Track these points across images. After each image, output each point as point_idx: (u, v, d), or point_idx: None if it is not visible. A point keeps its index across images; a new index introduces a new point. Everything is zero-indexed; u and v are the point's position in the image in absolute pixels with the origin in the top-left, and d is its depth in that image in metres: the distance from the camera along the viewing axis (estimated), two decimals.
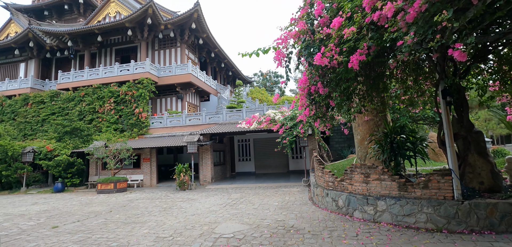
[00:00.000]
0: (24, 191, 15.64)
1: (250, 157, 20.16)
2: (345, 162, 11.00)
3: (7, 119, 21.23)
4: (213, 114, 18.22)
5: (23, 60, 23.94)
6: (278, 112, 14.25)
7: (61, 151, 15.74)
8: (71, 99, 20.10)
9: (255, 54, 4.65)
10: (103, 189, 13.53)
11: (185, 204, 9.37)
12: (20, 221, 7.72)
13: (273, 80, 42.44)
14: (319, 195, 7.80)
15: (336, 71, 4.75)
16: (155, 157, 16.35)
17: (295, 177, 15.61)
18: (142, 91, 18.71)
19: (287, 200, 9.02)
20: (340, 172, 8.39)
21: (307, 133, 12.23)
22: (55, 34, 21.47)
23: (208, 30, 22.37)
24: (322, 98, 5.39)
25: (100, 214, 8.33)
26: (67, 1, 27.80)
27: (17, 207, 10.38)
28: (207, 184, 14.89)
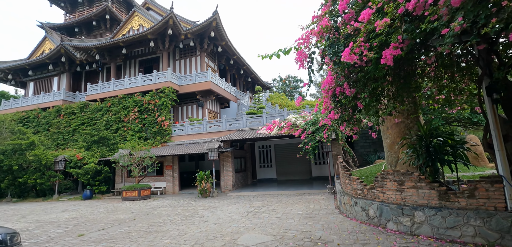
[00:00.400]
0: (56, 198, 16.44)
1: (272, 164, 19.82)
2: (373, 168, 10.35)
3: (42, 130, 22.61)
4: (233, 120, 18.16)
5: (56, 74, 25.52)
6: (299, 117, 13.85)
7: (89, 160, 16.40)
8: (98, 109, 21.01)
9: (276, 56, 4.40)
10: (128, 196, 13.83)
11: (206, 212, 9.24)
12: (50, 229, 7.97)
13: (292, 85, 41.94)
14: (346, 203, 7.31)
15: (365, 70, 4.38)
16: (177, 164, 16.53)
17: (318, 184, 15.03)
18: (164, 99, 19.13)
19: (312, 209, 8.58)
20: (369, 179, 7.84)
21: (330, 138, 11.72)
22: (84, 48, 22.69)
23: (227, 37, 22.52)
24: (348, 100, 5.01)
25: (124, 222, 8.41)
26: (95, 18, 29.43)
27: (49, 214, 10.83)
28: (228, 191, 14.75)
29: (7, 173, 16.54)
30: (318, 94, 42.50)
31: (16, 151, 16.32)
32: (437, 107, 8.03)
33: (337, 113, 5.36)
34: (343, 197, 7.61)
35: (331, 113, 5.31)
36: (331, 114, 5.33)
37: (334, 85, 4.83)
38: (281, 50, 4.53)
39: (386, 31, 3.61)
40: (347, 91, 4.69)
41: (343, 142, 12.25)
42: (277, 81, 42.58)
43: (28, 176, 16.54)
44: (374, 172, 9.22)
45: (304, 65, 4.85)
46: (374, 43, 3.67)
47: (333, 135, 11.94)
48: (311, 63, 4.83)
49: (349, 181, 7.31)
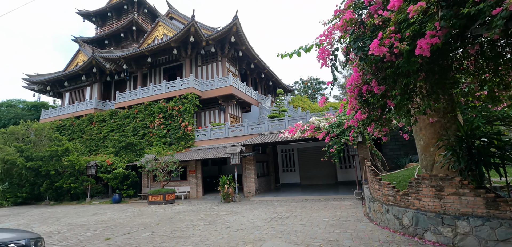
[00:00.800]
0: (88, 202, 17.30)
1: (295, 168, 19.38)
2: (405, 172, 9.62)
3: (76, 137, 24.07)
4: (255, 124, 18.02)
5: (88, 84, 27.15)
6: (322, 119, 13.36)
7: (118, 165, 17.09)
8: (126, 116, 21.92)
9: (296, 54, 4.15)
10: (154, 200, 14.15)
11: (229, 217, 9.12)
12: (80, 232, 8.29)
13: (315, 87, 41.07)
14: (376, 210, 6.80)
15: (395, 65, 3.99)
16: (200, 169, 16.70)
17: (345, 189, 14.37)
18: (187, 105, 19.51)
19: (338, 216, 8.12)
20: (401, 184, 7.25)
21: (357, 140, 11.12)
22: (113, 59, 23.90)
23: (247, 42, 22.55)
24: (376, 98, 4.60)
25: (148, 226, 8.53)
26: (123, 30, 31.03)
27: (80, 217, 11.35)
28: (251, 196, 14.57)
29: (45, 178, 17.74)
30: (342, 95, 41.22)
31: (53, 157, 17.46)
32: (478, 104, 7.25)
33: (364, 113, 4.97)
34: (373, 203, 7.09)
35: (358, 114, 4.93)
36: (358, 115, 4.95)
37: (360, 82, 4.47)
38: (302, 47, 4.27)
39: (420, 19, 3.23)
40: (375, 89, 4.31)
41: (370, 145, 11.58)
42: (298, 83, 41.94)
43: (64, 180, 17.62)
44: (407, 176, 8.55)
45: (326, 63, 4.54)
46: (407, 33, 3.30)
47: (360, 137, 11.33)
48: (334, 60, 4.51)
49: (379, 186, 6.80)
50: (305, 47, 4.26)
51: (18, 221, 11.24)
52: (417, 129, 7.11)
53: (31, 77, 28.76)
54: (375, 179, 7.09)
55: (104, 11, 33.73)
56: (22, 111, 31.53)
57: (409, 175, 8.83)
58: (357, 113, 4.91)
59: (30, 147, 17.56)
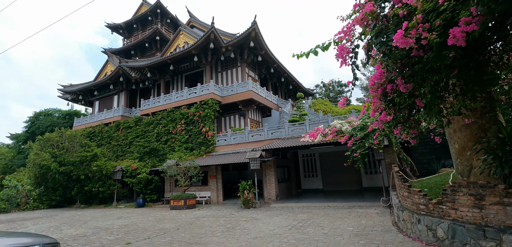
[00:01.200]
0: (115, 205, 17.98)
1: (317, 173, 18.80)
2: (437, 178, 8.86)
3: (105, 143, 25.27)
4: (275, 129, 17.78)
5: (116, 93, 28.52)
6: (345, 123, 12.82)
7: (141, 170, 17.62)
8: (150, 123, 22.65)
9: (313, 53, 3.91)
10: (175, 205, 14.36)
11: (248, 224, 8.93)
12: (103, 235, 8.52)
13: (336, 90, 39.98)
14: (406, 220, 6.26)
15: (424, 59, 3.61)
16: (220, 174, 16.72)
17: (370, 196, 13.63)
18: (208, 111, 19.74)
19: (364, 225, 7.62)
20: (433, 192, 6.64)
21: (382, 144, 10.49)
22: (138, 68, 24.91)
23: (266, 46, 22.46)
24: (403, 97, 4.21)
25: (168, 231, 8.57)
26: (147, 40, 32.35)
27: (106, 220, 11.75)
28: (271, 202, 14.29)
29: (76, 182, 18.74)
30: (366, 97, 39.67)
31: (82, 162, 18.42)
32: None
33: (389, 114, 4.57)
34: (402, 212, 6.55)
35: (382, 115, 4.53)
36: (382, 116, 4.55)
37: (384, 80, 4.10)
38: (319, 46, 4.02)
39: (452, 5, 2.87)
40: (402, 87, 3.93)
41: (398, 149, 10.86)
42: (320, 87, 41.07)
43: (92, 184, 18.49)
44: (439, 183, 7.85)
45: (346, 62, 4.24)
46: (437, 22, 2.95)
47: (385, 141, 10.68)
48: (355, 58, 4.20)
49: (408, 194, 6.27)
50: (322, 45, 4.01)
51: (50, 223, 11.88)
52: (450, 131, 6.49)
53: (65, 87, 30.81)
54: (403, 186, 6.55)
55: (130, 23, 35.45)
56: (58, 119, 33.82)
57: (442, 181, 8.11)
58: (382, 115, 4.53)
59: (63, 153, 18.66)
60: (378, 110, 4.90)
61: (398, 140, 10.95)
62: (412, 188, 6.14)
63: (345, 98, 4.36)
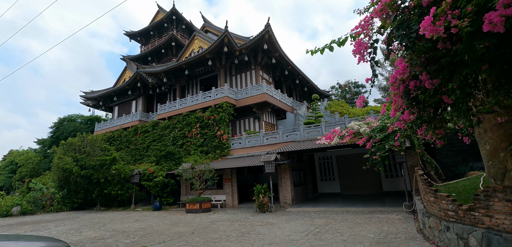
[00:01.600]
0: (133, 208, 18.33)
1: (334, 176, 18.27)
2: (466, 182, 8.24)
3: (123, 147, 25.97)
4: (290, 131, 17.48)
5: (134, 98, 29.32)
6: (363, 124, 12.33)
7: (158, 173, 17.88)
8: (167, 127, 23.01)
9: (328, 48, 3.67)
10: (191, 208, 14.39)
11: (263, 229, 8.72)
12: (120, 238, 8.62)
13: (353, 91, 38.95)
14: (433, 227, 5.81)
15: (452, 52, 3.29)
16: (235, 177, 16.63)
17: (391, 200, 13.00)
18: (222, 114, 19.78)
19: (386, 231, 7.19)
20: (462, 197, 6.15)
21: (404, 146, 9.95)
22: (154, 73, 25.49)
23: (280, 48, 22.25)
24: (428, 95, 3.86)
25: (183, 235, 8.53)
26: (163, 46, 33.10)
27: (124, 223, 11.95)
28: (287, 206, 13.99)
29: (96, 185, 19.32)
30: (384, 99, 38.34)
31: (102, 166, 18.98)
32: None
33: (412, 114, 4.22)
34: (428, 219, 6.09)
35: (405, 114, 4.19)
36: (405, 115, 4.21)
37: (407, 75, 3.78)
38: (335, 41, 3.78)
39: None
40: (427, 84, 3.60)
41: (421, 151, 10.27)
42: (336, 88, 40.21)
43: (112, 187, 18.98)
44: (469, 187, 7.28)
45: (364, 58, 3.97)
46: (468, 8, 2.64)
47: (407, 142, 10.13)
48: (373, 54, 3.92)
49: (434, 199, 5.83)
50: (338, 41, 3.77)
51: (71, 225, 12.24)
52: (480, 131, 5.98)
53: (86, 94, 32.08)
54: (429, 191, 6.10)
55: (147, 30, 36.47)
56: (80, 125, 35.25)
57: (472, 185, 7.52)
58: (404, 114, 4.19)
59: (84, 157, 19.32)
60: (400, 109, 4.56)
61: (421, 142, 10.36)
62: (439, 193, 5.70)
63: (363, 97, 4.07)
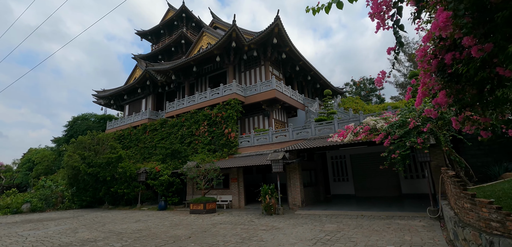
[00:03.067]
0: (139, 207, 17.95)
1: (348, 177, 17.09)
2: (505, 185, 7.01)
3: (133, 145, 25.80)
4: (301, 129, 16.49)
5: (143, 97, 29.20)
6: (380, 119, 11.20)
7: (163, 172, 17.39)
8: (175, 125, 22.55)
9: (336, 4, 2.77)
10: (195, 209, 13.74)
11: (267, 234, 7.86)
12: (113, 241, 8.01)
13: (368, 88, 37.22)
14: (470, 240, 4.74)
15: None
16: (242, 177, 15.83)
17: (412, 204, 11.77)
18: (230, 111, 19.06)
19: (409, 242, 6.14)
20: (504, 203, 5.04)
21: (428, 143, 8.78)
22: (163, 71, 25.14)
23: (290, 43, 21.27)
24: (474, 67, 2.86)
25: (179, 239, 7.82)
26: (173, 44, 32.85)
27: (124, 224, 11.42)
28: (297, 208, 13.04)
29: (103, 184, 19.10)
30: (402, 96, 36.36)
31: (109, 164, 18.72)
32: None
33: (450, 95, 3.23)
34: (462, 229, 5.01)
35: (440, 96, 3.19)
36: (440, 98, 3.22)
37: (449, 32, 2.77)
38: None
39: None
40: (474, 50, 2.62)
41: (448, 149, 9.04)
42: (350, 85, 38.62)
43: (118, 186, 18.69)
44: (510, 192, 6.11)
45: (384, 23, 3.03)
46: None
47: (432, 139, 8.94)
48: (398, 15, 2.97)
49: (471, 205, 4.76)
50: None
51: (70, 225, 11.87)
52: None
53: (98, 93, 32.36)
54: (464, 195, 5.02)
55: (157, 29, 36.41)
56: (93, 123, 35.67)
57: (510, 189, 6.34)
58: (439, 96, 3.19)
59: (91, 155, 19.15)
60: (431, 92, 3.57)
61: (447, 138, 9.14)
62: (478, 199, 4.62)
63: (385, 73, 3.13)
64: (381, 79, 3.14)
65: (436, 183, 9.59)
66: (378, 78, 3.17)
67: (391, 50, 2.98)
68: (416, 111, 9.55)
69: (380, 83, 3.18)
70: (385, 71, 3.15)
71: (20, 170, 39.97)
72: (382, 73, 3.14)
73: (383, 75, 3.14)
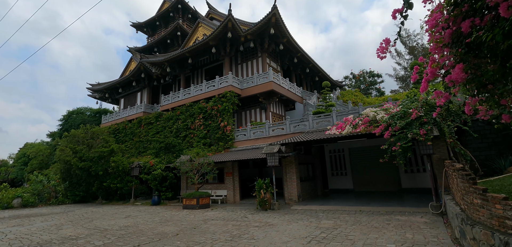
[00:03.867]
0: (132, 202, 17.48)
1: (346, 171, 16.62)
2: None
3: (128, 139, 25.26)
4: (298, 122, 15.97)
5: (138, 90, 28.57)
6: (380, 110, 10.68)
7: (157, 166, 16.88)
8: (170, 118, 22.00)
9: None
10: (187, 204, 13.28)
11: (259, 232, 7.38)
12: (95, 239, 7.53)
13: (368, 81, 36.63)
14: (481, 240, 4.25)
15: None
16: (237, 171, 15.34)
17: (412, 199, 11.32)
18: (226, 104, 18.51)
19: (411, 240, 5.67)
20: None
21: (431, 135, 8.28)
22: (158, 63, 24.48)
23: (288, 33, 20.61)
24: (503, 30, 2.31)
25: (165, 237, 7.34)
26: (169, 36, 32.09)
27: (112, 220, 10.95)
28: (293, 203, 12.58)
29: (96, 178, 18.60)
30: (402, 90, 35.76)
31: (101, 158, 18.20)
32: None
33: (467, 70, 2.70)
34: (471, 228, 4.52)
35: (455, 70, 2.66)
36: (455, 73, 2.68)
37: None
38: None
39: None
40: (503, 8, 2.09)
41: (452, 140, 8.54)
42: (349, 78, 38.00)
43: (111, 181, 18.19)
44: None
45: None
46: None
47: (435, 130, 8.43)
48: None
49: (483, 201, 4.26)
50: None
51: (57, 221, 11.38)
52: None
53: (93, 86, 31.70)
54: (474, 190, 4.52)
55: (153, 21, 35.61)
56: (89, 118, 35.04)
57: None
58: (455, 70, 2.66)
59: (82, 149, 18.62)
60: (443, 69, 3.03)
61: (452, 130, 8.63)
62: (490, 194, 4.12)
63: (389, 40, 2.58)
64: (384, 48, 2.61)
65: (438, 177, 9.11)
66: (381, 47, 2.63)
67: (397, 13, 2.44)
68: (419, 101, 9.03)
69: (383, 52, 2.64)
70: (389, 39, 2.61)
71: (15, 165, 39.48)
72: (385, 41, 2.60)
73: (386, 43, 2.60)
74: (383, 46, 2.61)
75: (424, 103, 8.85)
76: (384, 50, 2.62)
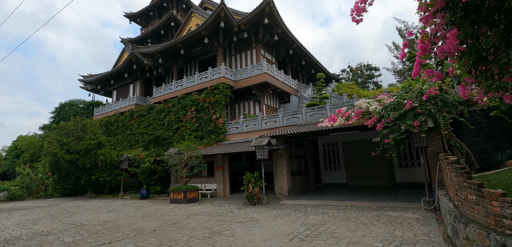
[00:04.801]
0: (121, 196, 17.04)
1: (339, 165, 16.23)
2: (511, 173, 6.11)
3: (120, 132, 24.68)
4: (291, 114, 15.51)
5: (131, 82, 27.93)
6: (373, 101, 10.22)
7: (146, 159, 16.41)
8: (162, 110, 21.44)
9: None
10: (175, 198, 12.85)
11: (240, 228, 6.95)
12: (67, 235, 7.07)
13: (366, 75, 36.11)
14: (475, 240, 3.82)
15: None
16: (227, 164, 14.89)
17: (406, 194, 10.94)
18: (218, 96, 17.99)
19: (399, 238, 5.25)
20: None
21: (425, 127, 7.83)
22: (149, 54, 23.82)
23: (283, 24, 20.01)
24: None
25: (142, 233, 6.90)
26: (162, 27, 31.33)
27: (94, 214, 10.50)
28: (283, 198, 12.18)
29: (84, 171, 18.11)
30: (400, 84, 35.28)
31: (89, 150, 17.69)
32: None
33: (463, 39, 2.21)
34: (465, 226, 4.10)
35: (449, 39, 2.15)
36: (449, 43, 2.17)
37: None
38: None
39: None
40: None
41: (448, 132, 8.12)
42: (346, 72, 37.47)
43: (99, 174, 17.71)
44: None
45: None
46: None
47: (430, 122, 7.99)
48: None
49: (478, 197, 3.83)
50: None
51: (36, 215, 10.93)
52: None
53: (85, 77, 30.99)
54: (468, 185, 4.08)
55: (146, 11, 34.78)
56: (81, 110, 34.44)
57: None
58: (449, 37, 2.17)
59: (71, 141, 18.08)
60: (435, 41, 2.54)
61: (447, 121, 8.19)
62: (486, 189, 3.69)
63: None
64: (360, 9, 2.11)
65: (433, 171, 8.71)
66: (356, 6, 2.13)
67: None
68: (413, 92, 8.57)
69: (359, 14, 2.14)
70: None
71: (7, 158, 38.86)
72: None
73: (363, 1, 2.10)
74: (358, 6, 2.12)
75: (419, 93, 8.40)
76: (360, 12, 2.13)
